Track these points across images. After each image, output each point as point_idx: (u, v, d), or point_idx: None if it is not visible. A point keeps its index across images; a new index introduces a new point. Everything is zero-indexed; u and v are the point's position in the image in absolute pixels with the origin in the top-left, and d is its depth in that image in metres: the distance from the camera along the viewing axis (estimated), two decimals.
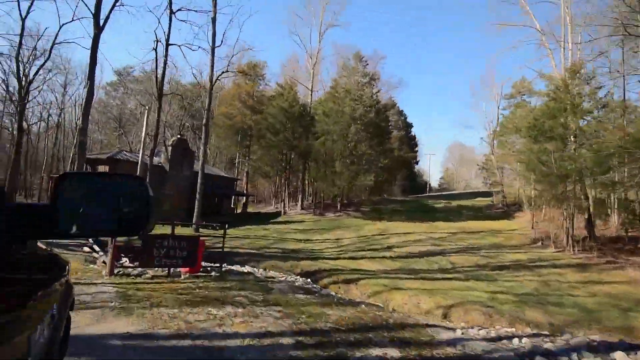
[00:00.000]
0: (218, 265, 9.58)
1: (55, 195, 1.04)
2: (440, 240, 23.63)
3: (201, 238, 9.50)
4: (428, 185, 77.53)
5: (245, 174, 40.00)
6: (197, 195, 20.94)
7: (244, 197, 38.20)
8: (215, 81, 21.05)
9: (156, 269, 8.36)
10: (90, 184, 1.25)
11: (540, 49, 28.62)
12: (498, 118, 43.53)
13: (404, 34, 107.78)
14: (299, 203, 37.32)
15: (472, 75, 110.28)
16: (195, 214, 20.60)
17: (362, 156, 28.95)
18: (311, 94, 37.46)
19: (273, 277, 9.34)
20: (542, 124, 23.69)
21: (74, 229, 1.08)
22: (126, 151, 27.76)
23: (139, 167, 18.97)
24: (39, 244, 1.82)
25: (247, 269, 10.86)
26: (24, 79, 24.12)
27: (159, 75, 16.84)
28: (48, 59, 24.51)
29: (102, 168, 22.58)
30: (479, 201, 44.08)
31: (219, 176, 33.79)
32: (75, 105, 54.67)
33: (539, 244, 24.47)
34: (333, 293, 8.85)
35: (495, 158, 41.93)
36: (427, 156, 66.69)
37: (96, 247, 12.49)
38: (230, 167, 48.06)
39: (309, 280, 10.50)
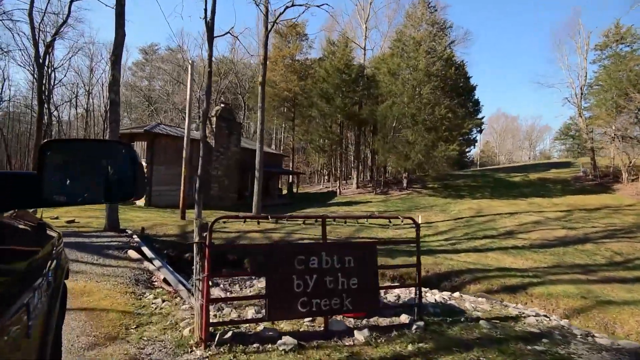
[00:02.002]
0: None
1: (41, 163, 1.01)
2: (564, 222, 18.32)
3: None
4: (478, 159, 70.56)
5: (290, 150, 35.48)
6: (257, 173, 16.52)
7: (290, 177, 33.77)
8: (273, 26, 16.15)
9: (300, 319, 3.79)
10: (76, 151, 1.20)
11: None
12: (586, 75, 36.14)
13: None
14: (354, 181, 32.56)
15: (547, 29, 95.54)
16: (255, 200, 16.25)
17: (440, 121, 23.49)
18: (364, 53, 31.87)
19: (519, 316, 4.63)
20: None
21: (61, 196, 1.06)
22: (165, 124, 23.69)
23: (185, 141, 14.65)
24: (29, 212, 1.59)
25: (436, 294, 6.05)
26: (41, 43, 20.19)
27: (209, 9, 12.08)
28: (67, 18, 20.40)
29: (139, 143, 18.57)
30: (559, 173, 37.77)
31: (265, 152, 29.39)
32: (103, 87, 52.14)
33: None
34: None
35: (585, 121, 35.10)
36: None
37: (147, 251, 8.22)
38: (269, 142, 43.78)
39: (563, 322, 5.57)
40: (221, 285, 7.19)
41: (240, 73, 45.01)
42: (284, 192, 32.45)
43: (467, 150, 28.46)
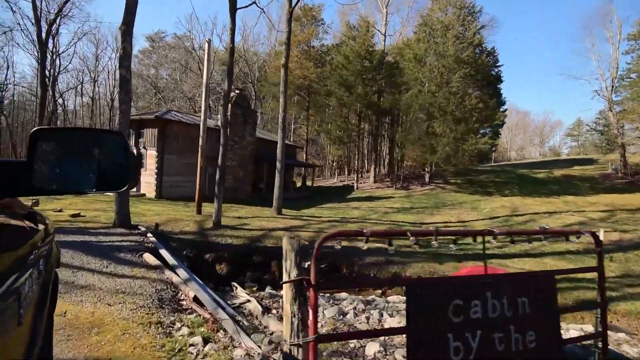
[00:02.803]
0: None
1: (31, 151, 1.00)
2: (611, 223, 16.75)
3: None
4: (493, 154, 68.37)
5: (303, 142, 33.93)
6: (278, 165, 15.08)
7: (303, 169, 32.26)
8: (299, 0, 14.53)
9: None
10: (67, 139, 1.20)
11: None
12: (617, 66, 33.93)
13: None
14: (372, 174, 31.04)
15: (562, 23, 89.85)
16: (276, 194, 14.87)
17: (470, 112, 21.83)
18: (384, 39, 30.07)
19: None
20: None
21: (51, 185, 1.07)
22: (176, 111, 22.23)
23: (201, 127, 13.22)
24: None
25: None
26: (43, 21, 18.72)
27: None
28: None
29: (149, 130, 17.19)
30: (584, 170, 35.94)
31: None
32: (109, 75, 50.97)
33: None
34: None
35: (616, 115, 33.11)
36: None
37: (167, 256, 6.82)
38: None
39: None
40: (250, 295, 5.75)
41: (250, 61, 43.37)
42: (298, 185, 31.04)
43: (495, 143, 26.76)
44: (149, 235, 8.71)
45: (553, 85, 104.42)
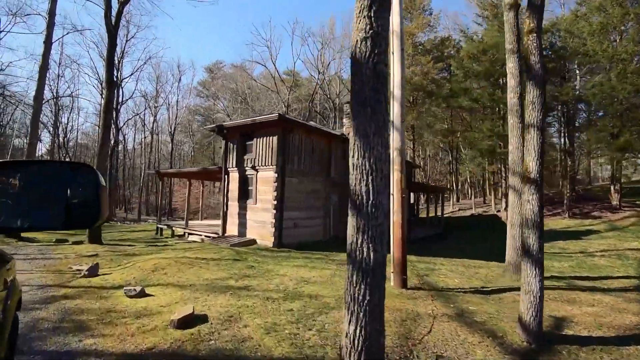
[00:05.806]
0: None
1: None
2: None
3: None
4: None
5: (411, 158, 26.92)
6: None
7: (414, 195, 24.97)
8: None
9: None
10: (32, 173, 1.11)
11: None
12: None
13: None
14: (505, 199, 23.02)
15: None
16: (515, 238, 7.77)
17: None
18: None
19: None
20: None
21: (14, 223, 0.99)
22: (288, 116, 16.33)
23: (396, 112, 6.52)
24: None
25: None
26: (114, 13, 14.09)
27: None
28: None
29: (261, 141, 11.05)
30: None
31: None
32: (169, 108, 48.70)
33: None
34: None
35: None
36: None
37: None
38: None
39: None
40: None
41: (324, 88, 38.38)
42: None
43: None
44: None
45: None
